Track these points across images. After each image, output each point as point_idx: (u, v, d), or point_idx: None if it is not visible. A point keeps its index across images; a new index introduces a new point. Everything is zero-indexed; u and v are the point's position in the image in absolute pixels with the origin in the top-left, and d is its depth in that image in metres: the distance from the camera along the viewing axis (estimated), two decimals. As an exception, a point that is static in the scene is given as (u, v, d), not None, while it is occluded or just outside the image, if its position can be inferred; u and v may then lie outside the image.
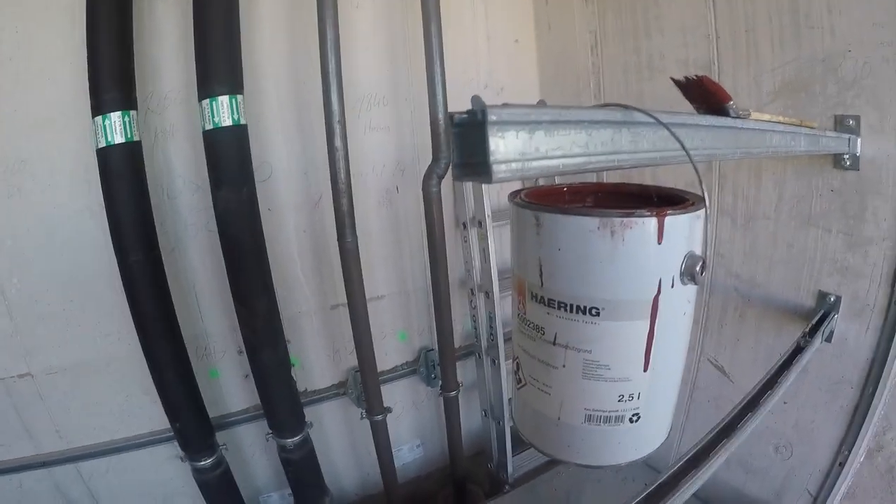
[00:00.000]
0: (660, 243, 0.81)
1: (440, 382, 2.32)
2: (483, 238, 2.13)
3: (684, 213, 0.82)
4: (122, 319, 1.91)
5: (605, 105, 0.90)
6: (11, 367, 2.00)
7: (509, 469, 2.35)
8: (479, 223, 2.14)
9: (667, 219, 0.79)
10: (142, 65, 1.80)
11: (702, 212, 0.84)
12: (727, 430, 1.19)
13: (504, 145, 0.76)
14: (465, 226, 2.21)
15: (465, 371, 2.32)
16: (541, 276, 0.96)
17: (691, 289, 0.87)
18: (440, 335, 2.18)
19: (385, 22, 2.20)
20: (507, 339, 2.20)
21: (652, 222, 0.79)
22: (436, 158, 2.02)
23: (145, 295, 1.82)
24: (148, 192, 1.80)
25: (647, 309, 0.86)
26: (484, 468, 2.47)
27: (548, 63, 2.57)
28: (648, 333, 0.89)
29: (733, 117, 1.00)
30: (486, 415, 2.36)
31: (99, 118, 1.67)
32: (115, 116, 1.68)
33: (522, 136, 0.79)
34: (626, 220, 0.79)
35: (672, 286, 0.84)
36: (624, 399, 0.97)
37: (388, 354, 2.27)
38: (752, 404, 1.26)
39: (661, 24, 2.04)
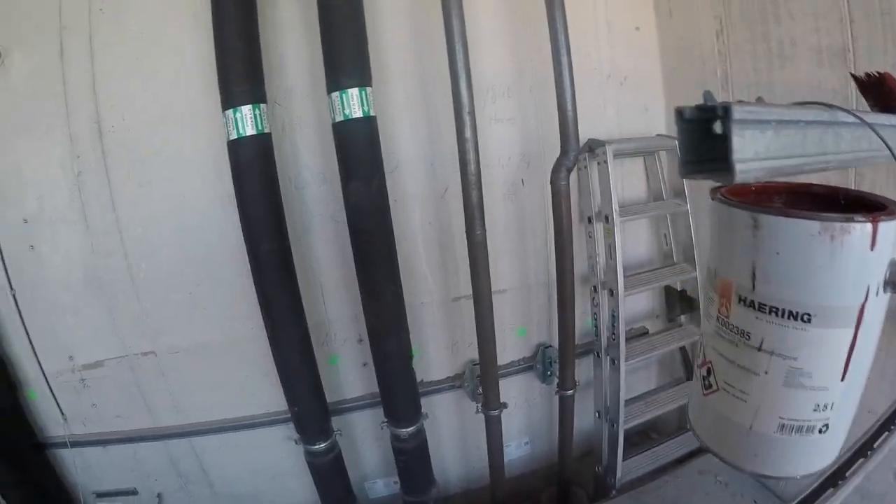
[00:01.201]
0: (872, 249, 0.78)
1: (556, 380, 2.28)
2: (610, 233, 2.05)
3: (894, 219, 0.79)
4: (246, 304, 1.96)
5: (807, 103, 0.84)
6: (136, 345, 2.11)
7: (618, 473, 2.27)
8: (606, 218, 2.07)
9: (880, 224, 0.77)
10: (267, 58, 1.82)
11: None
12: (863, 449, 1.11)
13: (744, 145, 0.72)
14: (590, 220, 2.14)
15: (580, 370, 2.25)
16: (753, 279, 0.91)
17: (887, 297, 0.84)
18: (562, 332, 2.13)
19: (507, 11, 2.15)
20: (629, 339, 2.13)
21: (867, 228, 0.76)
22: (564, 151, 1.96)
23: (274, 283, 1.86)
24: (278, 183, 1.83)
25: (854, 316, 0.83)
26: (591, 470, 2.40)
27: (670, 51, 2.44)
28: (852, 341, 0.86)
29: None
30: (599, 416, 2.29)
31: (230, 111, 1.70)
32: (246, 109, 1.70)
33: (758, 136, 0.74)
34: (845, 224, 0.76)
35: (877, 294, 0.82)
36: (819, 409, 0.94)
37: (506, 349, 2.24)
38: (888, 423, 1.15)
39: (790, 6, 1.89)
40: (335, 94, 1.71)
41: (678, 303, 2.38)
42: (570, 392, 2.22)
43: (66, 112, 1.86)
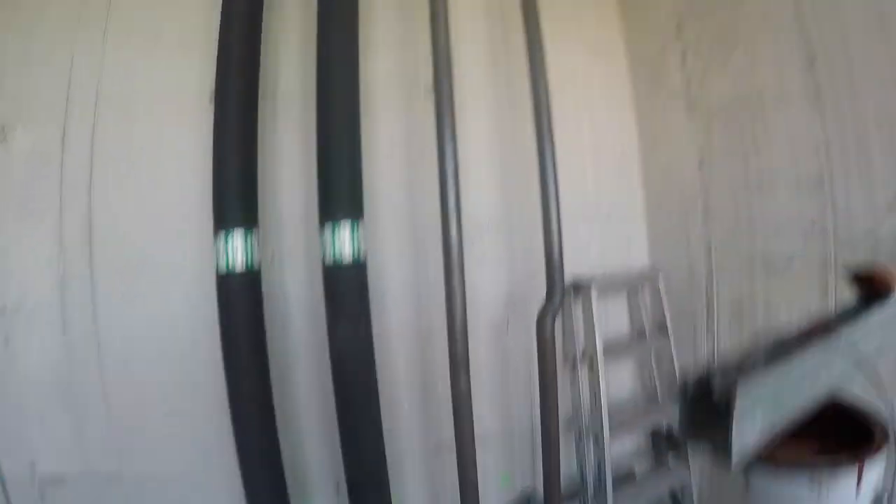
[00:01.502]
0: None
1: (542, 529, 2.16)
2: (594, 376, 2.04)
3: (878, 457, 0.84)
4: (221, 440, 1.81)
5: (808, 338, 0.87)
6: (101, 463, 1.91)
7: None
8: (591, 360, 2.06)
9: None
10: (262, 182, 1.83)
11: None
12: None
13: (743, 431, 0.72)
14: (574, 363, 2.13)
15: (566, 517, 2.16)
16: None
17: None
18: (547, 481, 2.03)
19: (499, 150, 2.23)
20: (617, 484, 2.05)
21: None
22: (550, 296, 1.98)
23: (252, 423, 1.76)
24: (264, 324, 1.78)
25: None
26: None
27: (654, 179, 2.53)
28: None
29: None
30: (586, 567, 2.17)
31: (221, 238, 1.68)
32: (238, 238, 1.69)
33: (756, 415, 0.75)
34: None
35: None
36: None
37: (489, 497, 2.13)
38: None
39: (769, 137, 1.98)
40: (327, 231, 1.72)
41: (665, 444, 2.34)
42: (557, 543, 2.10)
43: (59, 202, 1.81)
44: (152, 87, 1.89)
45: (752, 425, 0.76)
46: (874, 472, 0.83)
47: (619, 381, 2.35)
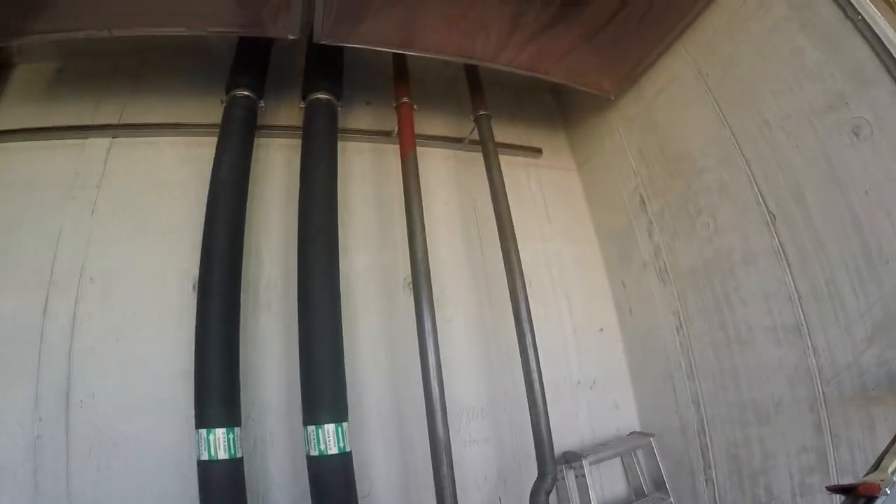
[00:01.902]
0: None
1: None
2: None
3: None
4: None
5: None
6: None
7: None
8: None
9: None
10: (245, 371, 1.85)
11: None
12: None
13: None
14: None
15: None
16: None
17: None
18: None
19: (480, 339, 2.30)
20: None
21: None
22: (542, 474, 1.92)
23: None
24: None
25: None
26: None
27: (635, 347, 2.59)
28: None
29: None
30: None
31: (203, 431, 1.67)
32: (220, 432, 1.67)
33: None
34: None
35: None
36: None
37: None
38: None
39: (741, 294, 2.06)
40: (311, 428, 1.72)
41: None
42: None
43: (37, 368, 1.81)
44: (136, 268, 1.99)
45: None
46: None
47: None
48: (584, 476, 2.04)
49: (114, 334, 1.91)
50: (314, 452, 1.72)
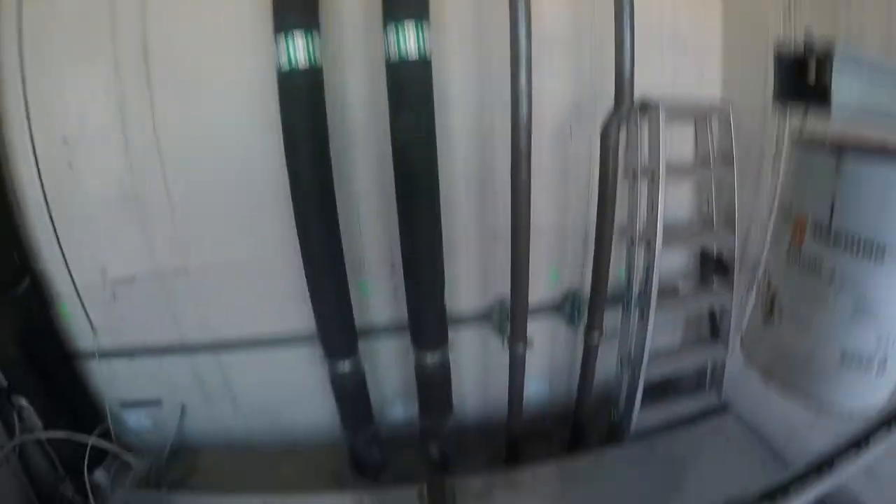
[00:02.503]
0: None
1: (583, 325, 2.30)
2: (654, 187, 2.03)
3: None
4: (281, 227, 1.97)
5: None
6: (168, 262, 2.12)
7: (633, 422, 2.33)
8: (652, 174, 2.04)
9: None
10: None
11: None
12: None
13: (842, 85, 0.73)
14: (634, 175, 2.11)
15: (605, 318, 2.28)
16: (832, 212, 0.96)
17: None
18: (595, 278, 2.15)
19: None
20: (660, 295, 2.12)
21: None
22: (618, 107, 1.92)
23: (313, 208, 1.85)
24: (326, 117, 1.79)
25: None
26: (605, 418, 2.47)
27: (734, 20, 2.26)
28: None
29: None
30: (621, 364, 2.33)
31: (282, 38, 1.63)
32: (299, 37, 1.63)
33: (854, 82, 0.75)
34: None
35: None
36: (881, 345, 1.00)
37: (537, 289, 2.23)
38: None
39: None
40: (391, 28, 1.65)
41: (713, 267, 2.39)
42: (597, 336, 2.25)
43: (111, 33, 1.84)
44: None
45: (849, 90, 0.74)
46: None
47: (677, 203, 2.33)
48: (657, 122, 2.01)
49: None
50: (394, 57, 1.68)
